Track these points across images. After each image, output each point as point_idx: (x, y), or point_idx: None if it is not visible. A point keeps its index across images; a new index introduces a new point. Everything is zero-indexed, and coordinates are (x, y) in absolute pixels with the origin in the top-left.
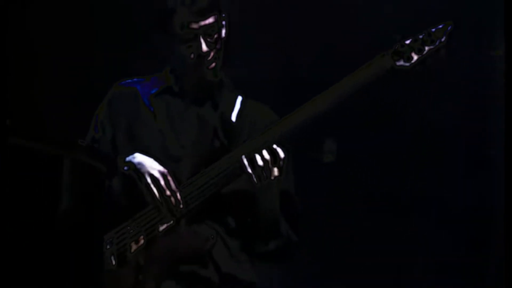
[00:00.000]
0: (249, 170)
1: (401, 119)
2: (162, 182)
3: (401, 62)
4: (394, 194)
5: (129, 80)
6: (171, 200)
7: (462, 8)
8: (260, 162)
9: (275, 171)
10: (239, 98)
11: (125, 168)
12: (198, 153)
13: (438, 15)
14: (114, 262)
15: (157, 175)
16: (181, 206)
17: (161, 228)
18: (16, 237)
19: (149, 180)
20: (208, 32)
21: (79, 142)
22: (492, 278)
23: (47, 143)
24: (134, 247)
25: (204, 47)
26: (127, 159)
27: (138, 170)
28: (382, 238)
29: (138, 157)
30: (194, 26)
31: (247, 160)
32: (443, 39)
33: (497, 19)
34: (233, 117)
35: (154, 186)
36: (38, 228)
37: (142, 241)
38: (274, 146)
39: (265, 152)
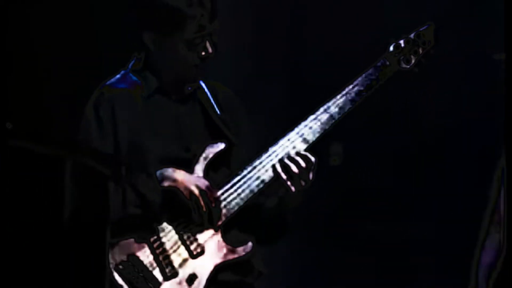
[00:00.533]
0: (284, 177)
1: (400, 120)
2: (209, 194)
3: (403, 65)
4: (394, 194)
5: (112, 81)
6: (214, 212)
7: (463, 8)
8: (295, 169)
9: (310, 176)
10: (202, 83)
11: (166, 183)
12: (206, 155)
13: (438, 15)
14: (161, 278)
15: (204, 188)
16: (223, 216)
17: (203, 239)
18: (15, 237)
19: (197, 193)
20: (213, 34)
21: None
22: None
23: (48, 145)
24: (177, 259)
25: (210, 49)
26: (164, 174)
27: (182, 184)
28: (382, 238)
29: (176, 172)
30: (208, 29)
31: (281, 168)
32: (431, 42)
33: (498, 19)
34: (217, 111)
35: (203, 199)
36: (38, 228)
37: (185, 253)
38: (303, 151)
39: (298, 158)
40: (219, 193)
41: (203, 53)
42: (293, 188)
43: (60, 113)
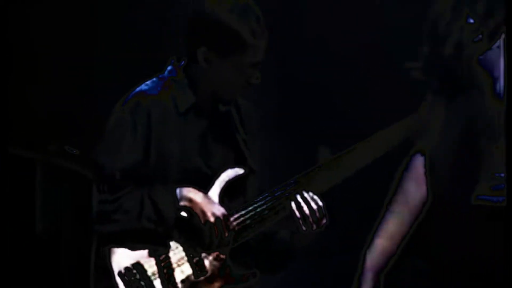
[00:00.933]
0: (298, 215)
1: (400, 119)
2: (224, 223)
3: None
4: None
5: (149, 87)
6: (226, 240)
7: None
8: (306, 211)
9: (323, 221)
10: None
11: (182, 202)
12: (223, 179)
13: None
14: None
15: (219, 216)
16: (230, 245)
17: (209, 260)
18: (15, 237)
19: (213, 220)
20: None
21: (67, 149)
22: (493, 278)
23: (29, 150)
24: (180, 275)
25: (259, 78)
26: (182, 193)
27: (198, 207)
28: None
29: (192, 193)
30: (261, 59)
31: (295, 205)
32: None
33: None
34: (242, 132)
35: (217, 227)
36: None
37: (189, 271)
38: (311, 193)
39: (309, 200)
40: (232, 218)
41: (252, 80)
42: (303, 228)
43: (60, 113)
